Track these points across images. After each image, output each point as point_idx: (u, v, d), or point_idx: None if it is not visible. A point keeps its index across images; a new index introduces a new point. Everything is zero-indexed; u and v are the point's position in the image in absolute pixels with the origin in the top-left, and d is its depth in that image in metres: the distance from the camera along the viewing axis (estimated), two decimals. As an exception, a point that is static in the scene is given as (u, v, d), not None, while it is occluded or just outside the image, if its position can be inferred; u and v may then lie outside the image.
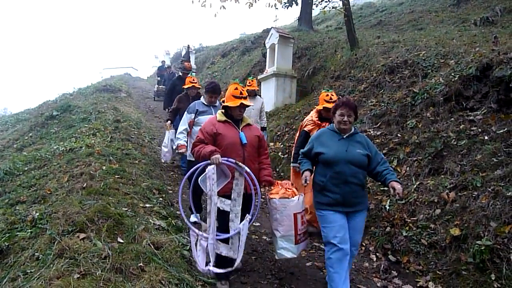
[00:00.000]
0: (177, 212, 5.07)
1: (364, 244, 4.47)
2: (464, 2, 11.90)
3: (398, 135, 5.53)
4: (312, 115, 4.70)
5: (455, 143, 4.65)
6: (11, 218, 3.77)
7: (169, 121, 6.88)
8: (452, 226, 3.78)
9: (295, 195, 3.50)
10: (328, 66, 9.63)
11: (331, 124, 3.44)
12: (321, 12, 11.24)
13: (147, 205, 4.47)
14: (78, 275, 2.68)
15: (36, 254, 3.03)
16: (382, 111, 6.17)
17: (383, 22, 13.36)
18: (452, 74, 5.58)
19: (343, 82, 8.23)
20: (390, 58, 7.42)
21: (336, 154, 3.17)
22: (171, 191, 5.96)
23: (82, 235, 3.22)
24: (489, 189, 3.81)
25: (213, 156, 3.21)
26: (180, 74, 8.55)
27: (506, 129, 4.31)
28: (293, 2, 15.43)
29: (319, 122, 4.62)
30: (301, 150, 3.52)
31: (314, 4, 13.82)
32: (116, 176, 4.97)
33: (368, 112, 6.42)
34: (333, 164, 3.15)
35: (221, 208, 3.30)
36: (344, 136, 3.27)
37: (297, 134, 4.88)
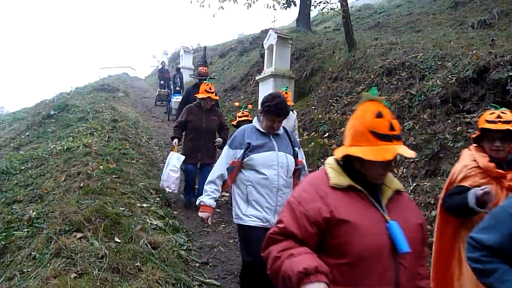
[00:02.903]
0: (174, 212, 5.08)
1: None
2: (461, 5, 11.94)
3: (395, 136, 5.54)
4: (476, 158, 2.40)
5: (451, 145, 4.68)
6: (8, 217, 3.76)
7: (175, 140, 5.37)
8: (448, 228, 3.79)
9: None
10: (326, 67, 9.64)
11: None
12: (319, 14, 11.28)
13: (144, 205, 4.48)
14: (75, 275, 2.68)
15: (33, 253, 3.02)
16: (379, 113, 6.18)
17: (381, 24, 13.39)
18: (449, 76, 5.60)
19: (340, 83, 8.25)
20: (388, 60, 7.44)
21: None
22: (169, 191, 5.96)
23: (79, 235, 3.22)
24: (485, 191, 3.82)
25: (308, 286, 1.31)
26: (197, 81, 6.95)
27: (502, 131, 4.33)
28: (292, 3, 15.43)
29: (501, 171, 2.28)
30: (475, 235, 1.64)
31: (313, 5, 13.86)
32: (113, 176, 4.97)
33: (366, 113, 6.43)
34: None
35: None
36: None
37: (442, 195, 2.56)
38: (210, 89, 5.29)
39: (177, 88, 13.37)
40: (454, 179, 2.46)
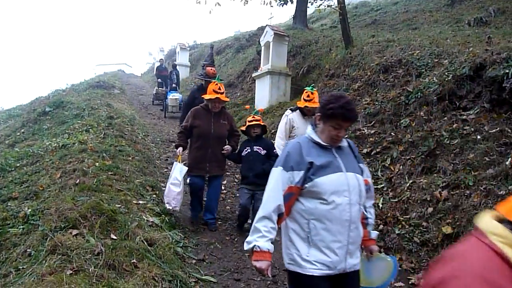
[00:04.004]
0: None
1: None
2: (458, 3, 11.97)
3: (392, 133, 5.56)
4: None
5: (448, 142, 4.69)
6: (3, 214, 3.74)
7: (180, 148, 4.67)
8: (445, 224, 3.81)
9: None
10: (323, 64, 9.64)
11: None
12: (316, 11, 11.24)
13: (141, 202, 4.46)
14: (71, 272, 2.67)
15: (28, 250, 3.01)
16: (376, 110, 6.19)
17: (377, 21, 13.40)
18: (446, 73, 5.61)
19: (337, 80, 8.25)
20: (385, 57, 7.44)
21: None
22: (164, 188, 5.95)
23: (75, 232, 3.21)
24: (481, 188, 3.84)
25: None
26: (203, 83, 6.37)
27: (498, 128, 4.35)
28: (288, 0, 15.41)
29: None
30: None
31: (309, 2, 13.86)
32: (109, 173, 4.95)
33: (362, 110, 6.44)
34: None
35: None
36: None
37: None
38: (220, 89, 4.59)
39: (173, 85, 13.28)
40: None
